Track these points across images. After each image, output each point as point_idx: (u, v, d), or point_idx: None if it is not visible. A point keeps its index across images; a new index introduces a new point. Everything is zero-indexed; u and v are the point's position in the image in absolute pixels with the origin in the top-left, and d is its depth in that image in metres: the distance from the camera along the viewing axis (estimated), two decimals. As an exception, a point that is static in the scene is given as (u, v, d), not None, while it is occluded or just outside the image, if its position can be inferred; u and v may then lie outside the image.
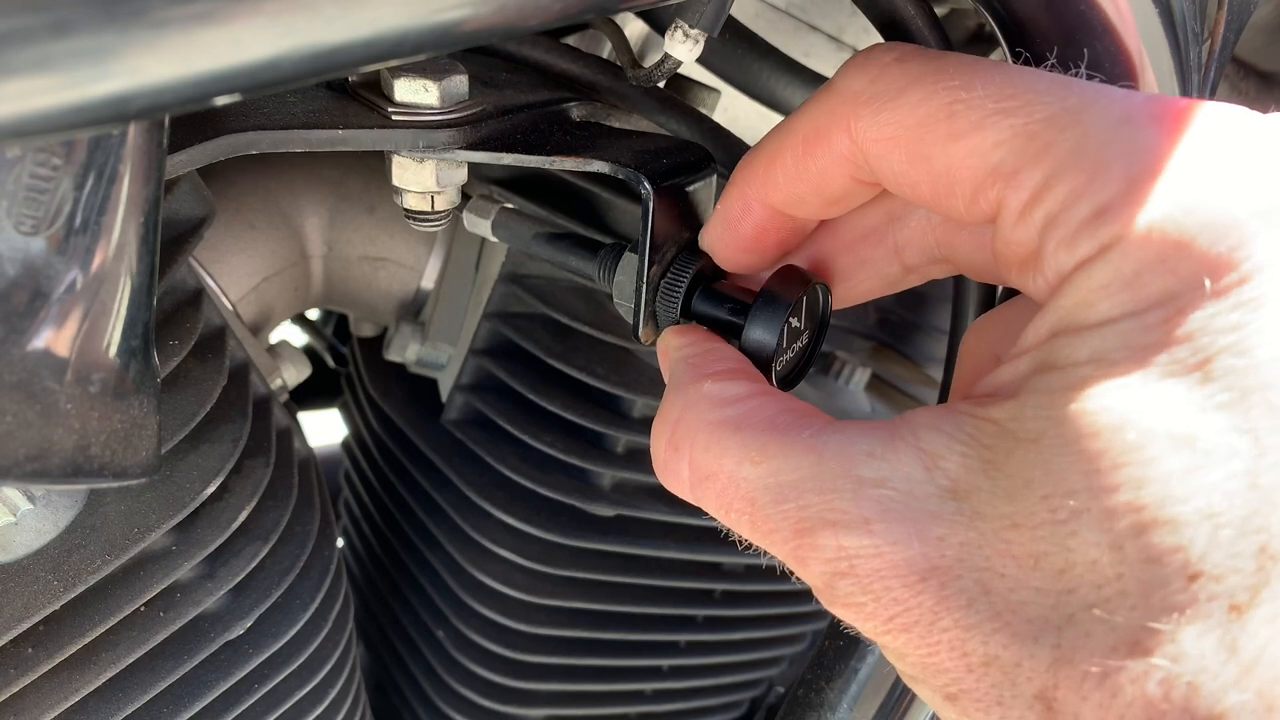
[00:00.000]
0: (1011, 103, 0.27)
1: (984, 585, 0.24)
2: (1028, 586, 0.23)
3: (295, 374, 0.62)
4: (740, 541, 0.30)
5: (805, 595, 0.85)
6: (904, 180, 0.30)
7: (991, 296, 0.42)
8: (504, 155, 0.41)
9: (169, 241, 0.43)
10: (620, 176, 0.39)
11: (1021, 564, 0.23)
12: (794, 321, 0.35)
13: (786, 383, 0.37)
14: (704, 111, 0.52)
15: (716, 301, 0.37)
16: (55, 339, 0.26)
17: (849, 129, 0.30)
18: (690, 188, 0.40)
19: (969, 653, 0.24)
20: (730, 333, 0.36)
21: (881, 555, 0.25)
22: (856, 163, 0.30)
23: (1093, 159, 0.25)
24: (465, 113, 0.41)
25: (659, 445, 0.32)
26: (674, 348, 0.35)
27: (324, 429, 1.00)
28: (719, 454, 0.29)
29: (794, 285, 0.35)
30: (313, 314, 0.97)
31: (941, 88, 0.28)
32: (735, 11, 0.47)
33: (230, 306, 0.60)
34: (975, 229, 0.33)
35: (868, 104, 0.29)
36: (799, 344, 0.36)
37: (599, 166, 0.39)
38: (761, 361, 0.34)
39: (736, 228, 0.35)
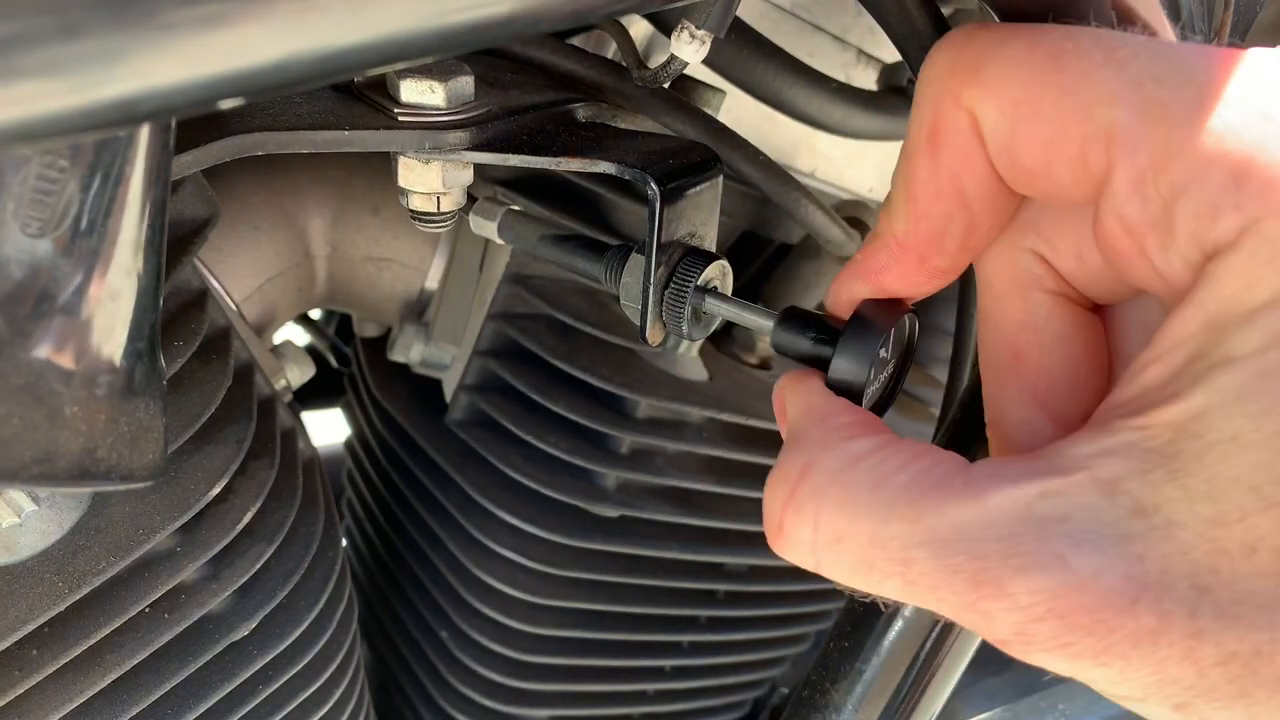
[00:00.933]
0: (1121, 53, 0.25)
1: (1201, 587, 0.23)
2: (1249, 574, 0.23)
3: (299, 374, 0.62)
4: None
5: (808, 596, 0.85)
6: (1004, 151, 0.27)
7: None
8: (510, 156, 0.41)
9: (173, 242, 0.42)
10: (626, 177, 0.39)
11: (1235, 556, 0.23)
12: (883, 352, 0.33)
13: None
14: (709, 112, 0.52)
15: (800, 328, 0.34)
16: (62, 341, 0.26)
17: (958, 99, 0.27)
18: (696, 189, 0.40)
19: (1201, 658, 0.23)
20: (815, 363, 0.34)
21: (1085, 588, 0.23)
22: (983, 138, 0.27)
23: (1218, 118, 0.23)
24: (471, 114, 0.41)
25: (774, 505, 0.28)
26: (793, 398, 0.32)
27: (327, 429, 1.00)
28: (854, 514, 0.26)
29: (886, 313, 0.32)
30: (316, 314, 0.97)
31: (1043, 36, 0.26)
32: (740, 12, 0.47)
33: (234, 307, 0.59)
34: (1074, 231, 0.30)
35: (966, 67, 0.27)
36: (885, 374, 0.34)
37: (605, 167, 0.39)
38: (851, 395, 0.32)
39: (873, 280, 0.32)
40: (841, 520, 0.27)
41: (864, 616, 0.49)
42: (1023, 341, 0.31)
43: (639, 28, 0.55)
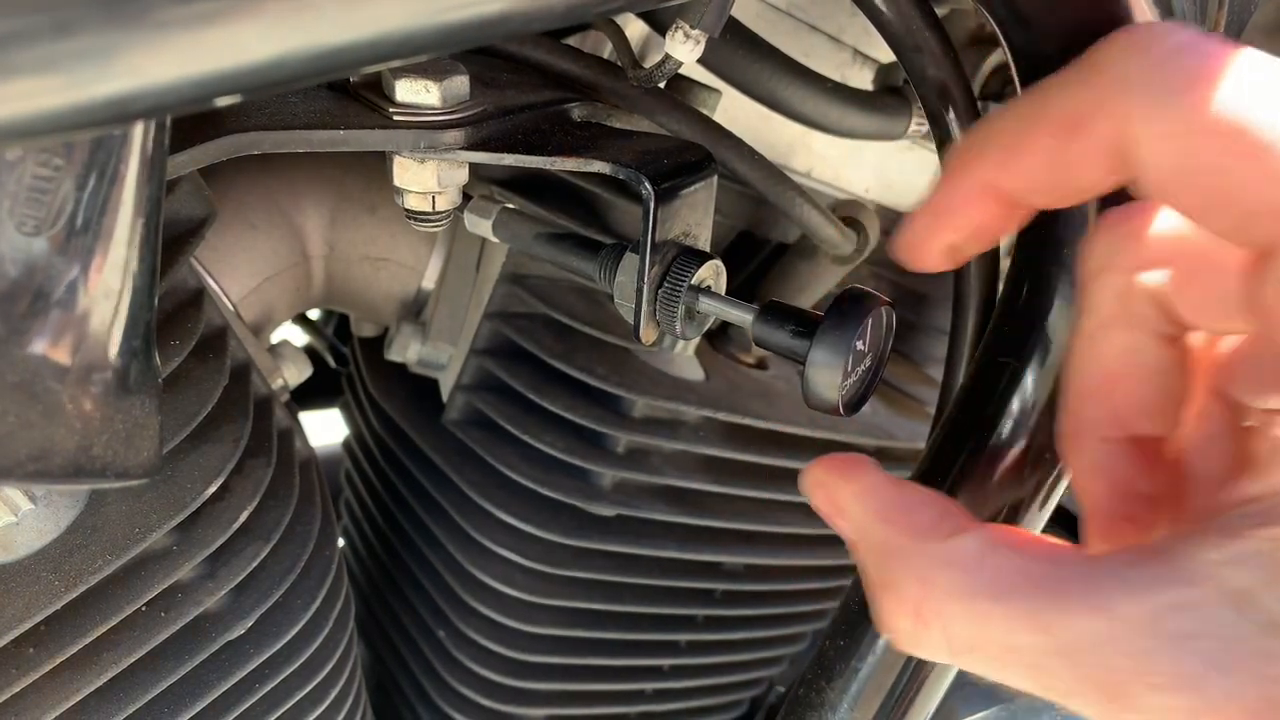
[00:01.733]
0: None
1: None
2: None
3: (296, 374, 0.63)
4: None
5: (805, 595, 0.85)
6: (1166, 187, 0.26)
7: (993, 300, 0.42)
8: (505, 156, 0.41)
9: (170, 242, 0.43)
10: (621, 177, 0.39)
11: None
12: (860, 344, 0.33)
13: (849, 408, 0.35)
14: (704, 112, 0.52)
15: (779, 320, 0.35)
16: (57, 339, 0.26)
17: (1115, 117, 0.26)
18: (691, 188, 0.40)
19: None
20: (793, 354, 0.35)
21: (1217, 710, 0.24)
22: (1121, 156, 0.27)
23: None
24: (467, 113, 0.41)
25: (900, 621, 0.29)
26: (854, 501, 0.31)
27: (325, 429, 1.00)
28: (981, 627, 0.27)
29: (863, 306, 0.33)
30: (314, 314, 0.97)
31: (1244, 89, 0.25)
32: (735, 12, 0.47)
33: (231, 306, 0.60)
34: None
35: (1147, 95, 0.26)
36: (862, 368, 0.35)
37: (600, 167, 0.39)
38: (828, 389, 0.33)
39: (956, 218, 0.31)
40: (971, 633, 0.27)
41: (860, 615, 0.49)
42: (1118, 371, 0.32)
43: (634, 27, 0.55)
